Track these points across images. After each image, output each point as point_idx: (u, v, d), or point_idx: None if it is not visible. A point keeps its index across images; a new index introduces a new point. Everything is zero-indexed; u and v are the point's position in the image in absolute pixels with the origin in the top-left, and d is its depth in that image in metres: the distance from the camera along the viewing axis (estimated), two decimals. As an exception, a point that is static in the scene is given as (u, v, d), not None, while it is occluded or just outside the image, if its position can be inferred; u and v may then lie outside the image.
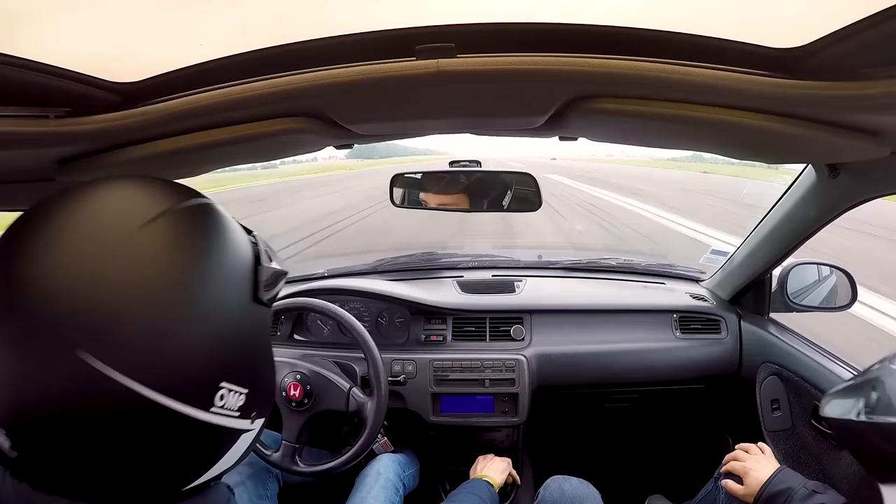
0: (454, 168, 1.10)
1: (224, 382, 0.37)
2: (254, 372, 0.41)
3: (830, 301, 1.15)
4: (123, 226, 0.34)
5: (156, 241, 0.34)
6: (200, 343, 0.35)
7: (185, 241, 0.36)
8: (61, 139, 0.53)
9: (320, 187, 15.58)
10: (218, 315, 0.37)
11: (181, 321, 0.34)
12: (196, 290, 0.35)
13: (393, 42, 0.47)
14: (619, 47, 0.46)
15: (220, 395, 0.37)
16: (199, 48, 0.49)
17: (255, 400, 0.41)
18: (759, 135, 0.54)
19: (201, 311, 0.35)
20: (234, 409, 0.39)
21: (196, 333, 0.35)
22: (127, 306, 0.32)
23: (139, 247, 0.34)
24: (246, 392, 0.39)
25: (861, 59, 0.42)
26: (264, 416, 0.45)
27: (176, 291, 0.34)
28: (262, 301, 0.41)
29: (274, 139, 0.59)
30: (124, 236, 0.34)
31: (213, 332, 0.36)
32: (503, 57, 0.47)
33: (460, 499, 0.92)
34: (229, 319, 0.38)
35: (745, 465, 0.88)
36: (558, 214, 8.25)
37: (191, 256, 0.36)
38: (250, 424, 0.42)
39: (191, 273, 0.35)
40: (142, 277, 0.33)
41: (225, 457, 0.41)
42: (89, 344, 0.31)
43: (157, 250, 0.34)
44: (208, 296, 0.36)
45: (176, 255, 0.35)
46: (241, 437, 0.41)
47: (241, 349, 0.39)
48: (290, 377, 0.97)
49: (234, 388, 0.38)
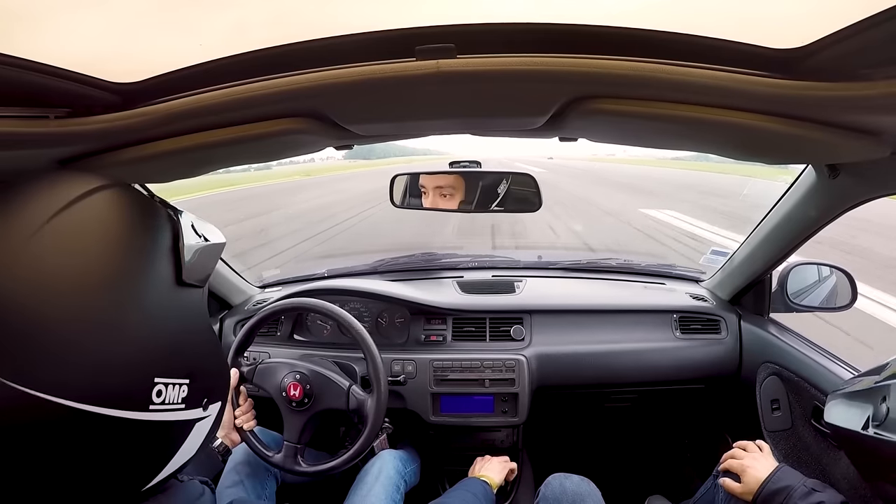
0: (454, 168, 1.10)
1: (158, 378, 0.35)
2: (192, 360, 0.39)
3: (830, 301, 1.15)
4: (18, 232, 0.31)
5: (53, 243, 0.32)
6: (121, 342, 0.33)
7: (83, 237, 0.33)
8: (61, 139, 0.53)
9: (299, 193, 14.34)
10: (136, 308, 0.34)
11: (94, 322, 0.32)
12: (105, 286, 0.33)
13: (393, 42, 0.47)
14: (619, 48, 0.46)
15: (156, 392, 0.35)
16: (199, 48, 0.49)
17: (201, 387, 0.39)
18: (758, 135, 0.54)
19: (116, 308, 0.33)
20: (177, 402, 0.36)
21: (114, 333, 0.33)
22: (31, 318, 0.30)
23: (36, 251, 0.31)
24: (186, 383, 0.37)
25: (861, 60, 0.42)
26: (221, 399, 0.43)
27: (82, 293, 0.32)
28: (188, 283, 0.39)
29: (274, 140, 0.59)
30: (20, 244, 0.31)
31: (133, 327, 0.34)
32: (503, 57, 0.47)
33: (455, 496, 0.92)
34: (151, 310, 0.35)
35: (742, 462, 0.88)
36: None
37: (93, 251, 0.33)
38: (203, 412, 0.40)
39: (96, 269, 0.33)
40: (42, 284, 0.30)
41: (182, 449, 0.39)
42: (1, 363, 0.28)
43: (55, 253, 0.32)
44: (121, 290, 0.33)
45: (75, 253, 0.32)
46: (196, 426, 0.40)
47: (171, 340, 0.37)
48: (290, 377, 0.97)
49: (171, 382, 0.36)
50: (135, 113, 0.53)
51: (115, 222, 0.35)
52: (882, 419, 0.57)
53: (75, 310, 0.31)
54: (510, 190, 1.11)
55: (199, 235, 0.41)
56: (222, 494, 0.94)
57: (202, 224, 0.43)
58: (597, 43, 0.46)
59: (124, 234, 0.35)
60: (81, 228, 0.33)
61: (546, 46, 0.47)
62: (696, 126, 0.53)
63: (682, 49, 0.46)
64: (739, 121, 0.50)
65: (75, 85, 0.49)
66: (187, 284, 0.39)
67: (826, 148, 0.59)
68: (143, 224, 0.37)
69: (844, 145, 0.55)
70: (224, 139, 0.57)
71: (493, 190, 1.11)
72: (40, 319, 0.30)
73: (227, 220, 7.81)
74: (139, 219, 0.37)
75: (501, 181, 1.10)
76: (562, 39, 0.46)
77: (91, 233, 0.34)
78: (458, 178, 1.13)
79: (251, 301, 1.42)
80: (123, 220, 0.36)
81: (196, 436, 0.40)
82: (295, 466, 0.96)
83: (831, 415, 0.71)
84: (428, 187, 1.16)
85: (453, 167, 1.10)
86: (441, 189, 1.15)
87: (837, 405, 0.70)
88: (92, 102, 0.52)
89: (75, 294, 0.31)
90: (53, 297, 0.31)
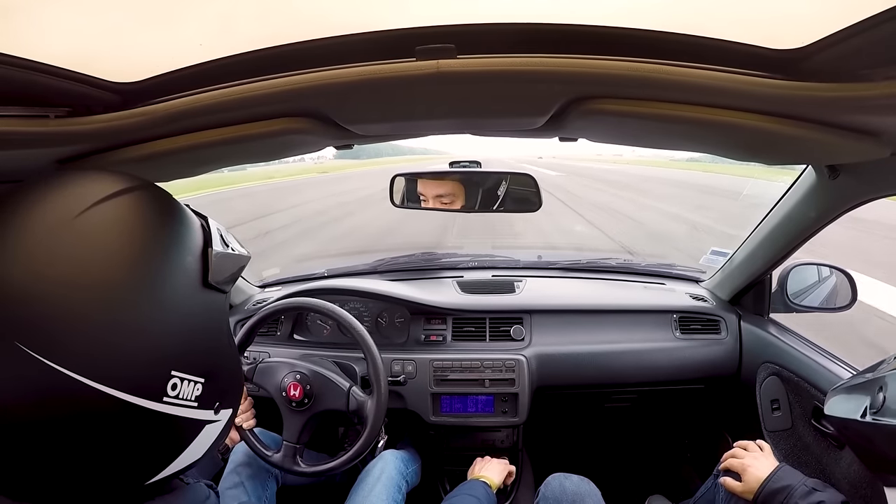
0: (454, 169, 1.10)
1: (175, 371, 0.36)
2: (209, 361, 0.40)
3: (830, 302, 1.15)
4: (58, 217, 0.33)
5: (92, 229, 0.34)
6: (145, 331, 0.34)
7: (122, 228, 0.35)
8: (61, 139, 0.53)
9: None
10: (163, 301, 0.36)
11: (123, 309, 0.33)
12: (136, 276, 0.34)
13: (393, 42, 0.47)
14: (620, 48, 0.46)
15: (171, 385, 0.36)
16: (199, 48, 0.49)
17: (215, 390, 0.40)
18: (758, 136, 0.54)
19: (144, 298, 0.34)
20: (190, 400, 0.37)
21: (140, 321, 0.34)
22: (65, 297, 0.31)
23: (74, 237, 0.33)
24: (202, 382, 0.38)
25: (861, 61, 0.42)
26: (232, 407, 0.44)
27: (115, 280, 0.33)
28: (213, 286, 0.40)
29: (273, 139, 0.59)
30: (59, 227, 0.33)
31: (158, 318, 0.35)
32: (503, 58, 0.47)
33: (457, 501, 0.92)
34: (176, 305, 0.37)
35: (743, 462, 0.88)
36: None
37: (129, 243, 0.35)
38: (214, 415, 0.41)
39: (129, 260, 0.34)
40: (78, 267, 0.32)
41: (188, 449, 0.40)
42: (28, 337, 0.30)
43: (93, 239, 0.34)
44: (151, 282, 0.35)
45: (113, 242, 0.34)
46: (205, 429, 0.40)
47: (191, 337, 0.38)
48: (290, 377, 0.97)
49: (187, 378, 0.37)
50: (134, 112, 0.53)
51: (144, 220, 0.37)
52: (879, 406, 0.59)
53: (102, 299, 0.33)
54: (510, 190, 1.11)
55: (227, 245, 0.43)
56: (224, 496, 0.94)
57: (228, 235, 0.45)
58: (597, 43, 0.46)
59: (154, 231, 0.37)
60: (118, 218, 0.35)
61: (546, 46, 0.47)
62: (695, 126, 0.53)
63: (682, 49, 0.46)
64: (739, 121, 0.50)
65: (75, 84, 0.49)
66: (212, 288, 0.40)
67: (826, 148, 0.59)
68: (174, 225, 0.39)
69: (844, 146, 0.55)
70: (223, 139, 0.57)
71: (493, 193, 1.11)
72: (65, 304, 0.32)
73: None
74: (169, 220, 0.39)
75: (501, 183, 1.10)
76: (562, 39, 0.46)
77: (119, 229, 0.35)
78: (458, 185, 1.12)
79: (251, 300, 1.42)
80: (153, 219, 0.38)
81: (204, 439, 0.41)
82: (294, 466, 0.96)
83: (831, 408, 0.72)
84: (428, 196, 1.16)
85: (453, 167, 1.11)
86: (441, 198, 1.14)
87: (837, 399, 0.72)
88: (92, 102, 0.52)
89: (103, 283, 0.33)
90: (82, 284, 0.32)
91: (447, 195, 1.13)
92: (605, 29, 0.45)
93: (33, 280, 0.31)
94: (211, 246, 0.41)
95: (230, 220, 6.63)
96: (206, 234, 0.41)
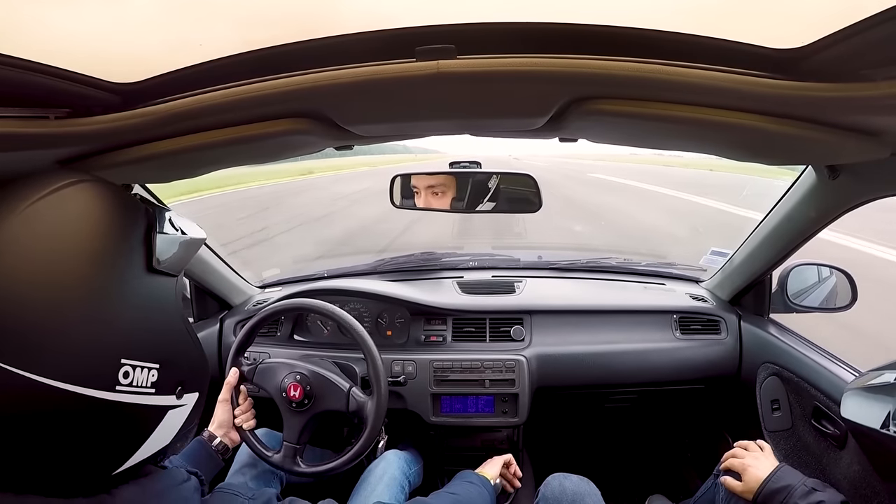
0: (454, 169, 1.11)
1: (125, 359, 0.36)
2: (162, 346, 0.39)
3: (830, 302, 1.15)
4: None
5: (28, 227, 0.34)
6: (89, 320, 0.34)
7: (58, 223, 0.36)
8: (61, 140, 0.53)
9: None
10: (104, 289, 0.36)
11: (63, 302, 0.33)
12: (74, 268, 0.35)
13: (393, 43, 0.46)
14: (620, 48, 0.46)
15: (122, 373, 0.35)
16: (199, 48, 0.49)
17: (173, 375, 0.40)
18: (758, 136, 0.54)
19: (84, 288, 0.35)
20: (146, 386, 0.37)
21: (82, 311, 0.34)
22: (5, 296, 0.32)
23: (11, 235, 0.33)
24: (157, 367, 0.38)
25: (861, 61, 0.42)
26: (198, 391, 0.44)
27: (54, 273, 0.34)
28: (160, 271, 0.40)
29: (273, 140, 0.59)
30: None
31: (100, 307, 0.35)
32: (504, 58, 0.46)
33: (455, 488, 0.91)
34: (120, 293, 0.37)
35: (743, 461, 0.88)
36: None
37: (65, 237, 0.35)
38: (177, 400, 0.40)
39: (68, 253, 0.35)
40: (17, 265, 0.33)
41: (153, 435, 0.39)
42: None
43: (30, 237, 0.34)
44: (90, 271, 0.35)
45: (50, 238, 0.35)
46: (169, 414, 0.40)
47: (139, 324, 0.38)
48: (290, 378, 0.97)
49: (139, 364, 0.37)
50: (135, 113, 0.53)
51: (80, 213, 0.37)
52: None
53: (44, 289, 0.33)
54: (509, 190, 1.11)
55: (177, 229, 0.43)
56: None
57: (181, 220, 0.45)
58: (597, 43, 0.46)
59: (96, 222, 0.37)
60: (53, 217, 0.36)
61: (546, 47, 0.46)
62: (696, 126, 0.53)
63: (682, 49, 0.46)
64: (739, 121, 0.50)
65: (75, 85, 0.48)
66: (158, 272, 0.40)
67: (826, 149, 0.59)
68: (116, 214, 0.39)
69: (845, 146, 0.55)
70: (224, 139, 0.57)
71: (483, 185, 1.11)
72: (8, 297, 0.32)
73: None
74: (112, 210, 0.39)
75: (491, 177, 1.10)
76: (562, 40, 0.46)
77: (61, 220, 0.36)
78: (450, 177, 1.13)
79: (251, 301, 1.42)
80: (96, 210, 0.38)
81: (169, 423, 0.41)
82: (294, 467, 0.96)
83: (848, 409, 0.68)
84: (420, 187, 1.17)
85: (453, 167, 1.11)
86: (433, 188, 1.16)
87: (855, 400, 0.68)
88: (92, 102, 0.52)
89: (44, 273, 0.33)
90: (23, 277, 0.33)
91: (439, 185, 1.15)
92: (606, 29, 0.45)
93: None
94: (155, 230, 0.40)
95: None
96: (151, 218, 0.41)
